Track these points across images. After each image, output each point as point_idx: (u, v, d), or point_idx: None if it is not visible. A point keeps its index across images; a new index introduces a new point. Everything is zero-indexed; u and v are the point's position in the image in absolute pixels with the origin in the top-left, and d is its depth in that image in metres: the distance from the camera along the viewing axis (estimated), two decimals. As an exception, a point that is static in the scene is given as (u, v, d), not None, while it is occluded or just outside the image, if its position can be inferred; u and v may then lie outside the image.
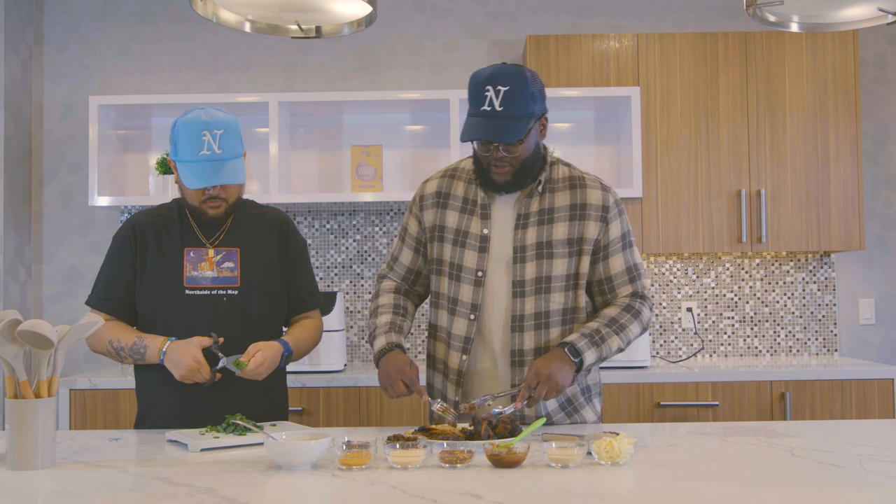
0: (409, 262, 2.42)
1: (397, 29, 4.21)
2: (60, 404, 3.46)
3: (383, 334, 2.28)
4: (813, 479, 1.72)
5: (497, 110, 2.13)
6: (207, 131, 2.28)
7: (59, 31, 4.21)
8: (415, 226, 2.40)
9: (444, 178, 2.38)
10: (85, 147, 4.10)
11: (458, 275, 2.29)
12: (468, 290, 2.27)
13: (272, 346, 2.32)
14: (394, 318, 2.32)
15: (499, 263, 2.26)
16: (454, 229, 2.31)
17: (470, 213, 2.30)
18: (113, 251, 2.44)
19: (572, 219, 2.26)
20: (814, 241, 3.84)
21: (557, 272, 2.25)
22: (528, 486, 1.67)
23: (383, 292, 2.41)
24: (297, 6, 2.34)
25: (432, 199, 2.36)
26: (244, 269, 2.41)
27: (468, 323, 2.27)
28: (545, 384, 2.09)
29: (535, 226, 2.26)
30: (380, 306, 2.37)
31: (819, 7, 2.38)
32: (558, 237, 2.25)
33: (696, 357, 4.12)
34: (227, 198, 2.37)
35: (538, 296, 2.24)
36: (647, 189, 3.80)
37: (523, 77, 2.16)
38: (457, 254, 2.29)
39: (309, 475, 1.78)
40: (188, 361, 2.23)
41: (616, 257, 2.29)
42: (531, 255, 2.24)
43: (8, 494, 1.67)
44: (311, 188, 4.10)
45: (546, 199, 2.28)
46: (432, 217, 2.35)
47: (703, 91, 3.85)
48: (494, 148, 2.17)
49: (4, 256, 3.92)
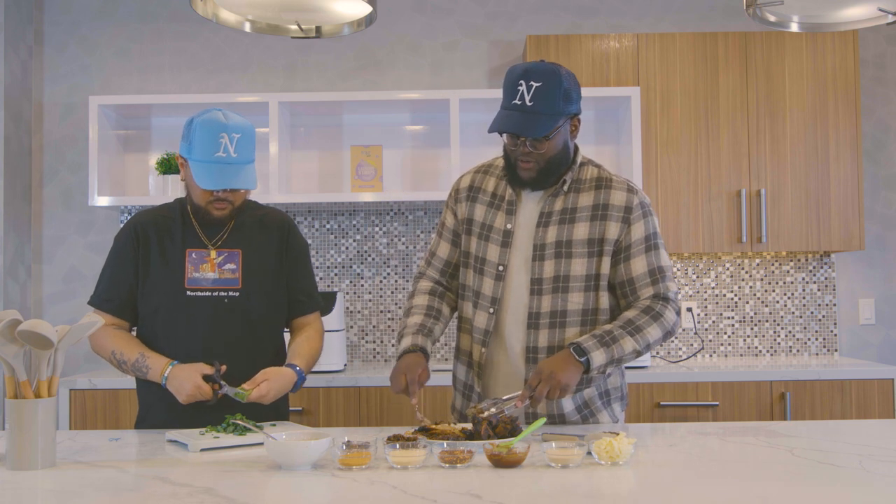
0: (447, 255, 2.43)
1: (397, 29, 4.21)
2: (60, 404, 3.46)
3: (410, 335, 2.29)
4: (813, 479, 1.72)
5: (527, 105, 2.15)
6: (226, 133, 2.27)
7: (59, 31, 4.21)
8: (451, 219, 2.43)
9: (478, 174, 2.42)
10: (85, 147, 4.10)
11: (481, 268, 2.32)
12: (489, 284, 2.29)
13: (283, 375, 2.30)
14: (424, 320, 2.33)
15: (520, 260, 2.28)
16: (481, 223, 2.34)
17: (497, 207, 2.33)
18: (115, 251, 2.44)
19: (594, 219, 2.26)
20: (814, 241, 3.84)
21: (576, 272, 2.25)
22: (528, 486, 1.67)
23: (419, 292, 2.42)
24: (297, 6, 2.34)
25: (465, 193, 2.40)
26: (245, 270, 2.41)
27: (488, 316, 2.29)
28: (546, 383, 2.08)
29: (556, 224, 2.26)
30: (413, 307, 2.38)
31: (819, 7, 2.38)
32: (579, 237, 2.25)
33: (696, 357, 4.12)
34: (234, 201, 2.37)
35: (555, 294, 2.25)
36: (647, 189, 3.80)
37: (557, 75, 2.17)
38: (481, 247, 2.32)
39: (309, 475, 1.77)
40: (189, 387, 2.23)
41: (638, 259, 2.26)
42: (550, 254, 2.25)
43: (8, 494, 1.67)
44: (311, 188, 4.10)
45: (570, 198, 2.28)
46: (464, 210, 2.38)
47: (703, 91, 3.85)
48: (521, 143, 2.19)
49: (4, 256, 3.92)
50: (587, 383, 2.29)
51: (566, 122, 2.22)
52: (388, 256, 4.13)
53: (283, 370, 2.32)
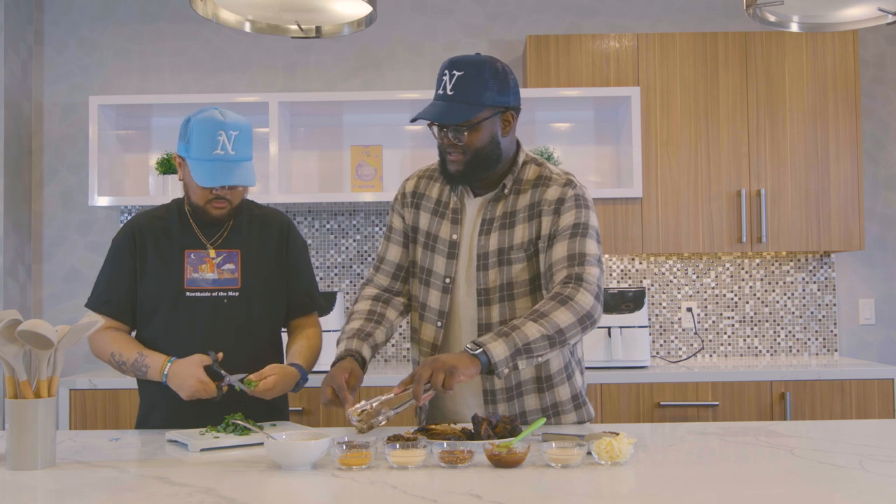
0: (398, 258, 2.36)
1: (397, 29, 4.21)
2: (60, 404, 3.46)
3: (344, 340, 2.24)
4: (813, 479, 1.72)
5: (448, 94, 2.10)
6: (224, 131, 2.27)
7: (59, 31, 4.21)
8: (399, 222, 2.37)
9: (423, 179, 2.36)
10: (85, 147, 4.10)
11: (427, 279, 2.26)
12: (436, 297, 2.24)
13: (289, 373, 2.30)
14: (363, 324, 2.27)
15: (467, 270, 2.23)
16: (426, 232, 2.28)
17: (441, 216, 2.27)
18: (112, 254, 2.44)
19: (530, 219, 2.18)
20: (814, 241, 3.84)
21: (519, 277, 2.18)
22: (528, 486, 1.67)
23: (362, 298, 2.36)
24: (297, 6, 2.34)
25: (410, 199, 2.34)
26: (245, 270, 2.41)
27: (436, 330, 2.24)
28: (429, 367, 1.94)
29: (497, 230, 2.20)
30: (354, 312, 2.33)
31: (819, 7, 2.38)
32: (517, 241, 2.18)
33: (696, 357, 4.12)
34: (232, 199, 2.37)
35: (502, 303, 2.18)
36: (647, 189, 3.80)
37: (480, 65, 2.11)
38: (427, 258, 2.27)
39: (309, 475, 1.77)
40: (192, 383, 2.23)
41: (561, 244, 2.13)
42: (493, 262, 2.18)
43: (8, 494, 1.67)
44: (311, 188, 4.10)
45: (510, 201, 2.21)
46: (410, 217, 2.33)
47: (703, 91, 3.85)
48: (444, 133, 2.15)
49: (4, 256, 3.92)
50: (516, 382, 2.19)
51: (495, 114, 2.13)
52: (388, 256, 4.13)
53: (288, 368, 2.32)
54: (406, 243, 2.36)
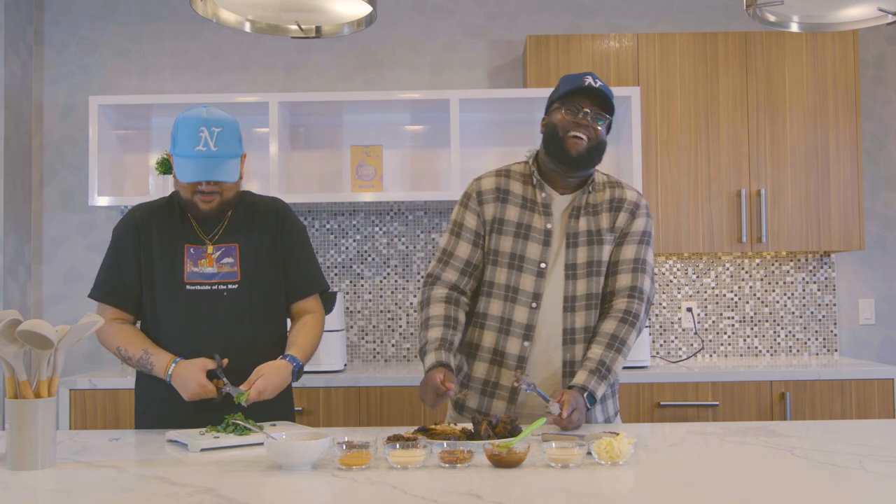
0: (468, 254, 2.43)
1: (397, 29, 4.21)
2: (60, 404, 3.46)
3: (433, 351, 2.30)
4: (813, 479, 1.72)
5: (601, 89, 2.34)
6: (206, 128, 2.30)
7: (59, 31, 4.21)
8: (472, 220, 2.44)
9: (500, 177, 2.47)
10: (85, 147, 4.10)
11: (520, 265, 2.38)
12: (530, 280, 2.37)
13: (279, 369, 2.31)
14: (444, 332, 2.33)
15: (556, 253, 2.39)
16: (516, 222, 2.40)
17: (531, 209, 2.41)
18: (114, 244, 2.45)
19: (611, 210, 2.43)
20: (814, 241, 3.84)
21: (606, 258, 2.40)
22: (528, 486, 1.67)
23: (434, 301, 2.40)
24: (297, 6, 2.34)
25: (492, 195, 2.44)
26: (244, 263, 2.42)
27: (529, 311, 2.36)
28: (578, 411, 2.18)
29: (585, 216, 2.41)
30: (431, 318, 2.37)
31: (819, 7, 2.38)
32: (604, 225, 2.41)
33: (696, 357, 4.12)
34: (221, 192, 2.37)
35: (589, 278, 2.38)
36: (647, 189, 3.80)
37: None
38: (518, 245, 2.38)
39: (309, 475, 1.78)
40: (193, 386, 2.25)
41: (630, 246, 2.41)
42: (583, 241, 2.38)
43: (8, 494, 1.67)
44: (311, 188, 4.10)
45: (592, 196, 2.44)
46: (492, 210, 2.42)
47: (703, 91, 3.85)
48: (585, 114, 2.32)
49: (4, 256, 3.92)
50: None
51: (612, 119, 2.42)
52: (388, 256, 4.13)
53: (277, 363, 2.32)
54: (477, 241, 2.44)
